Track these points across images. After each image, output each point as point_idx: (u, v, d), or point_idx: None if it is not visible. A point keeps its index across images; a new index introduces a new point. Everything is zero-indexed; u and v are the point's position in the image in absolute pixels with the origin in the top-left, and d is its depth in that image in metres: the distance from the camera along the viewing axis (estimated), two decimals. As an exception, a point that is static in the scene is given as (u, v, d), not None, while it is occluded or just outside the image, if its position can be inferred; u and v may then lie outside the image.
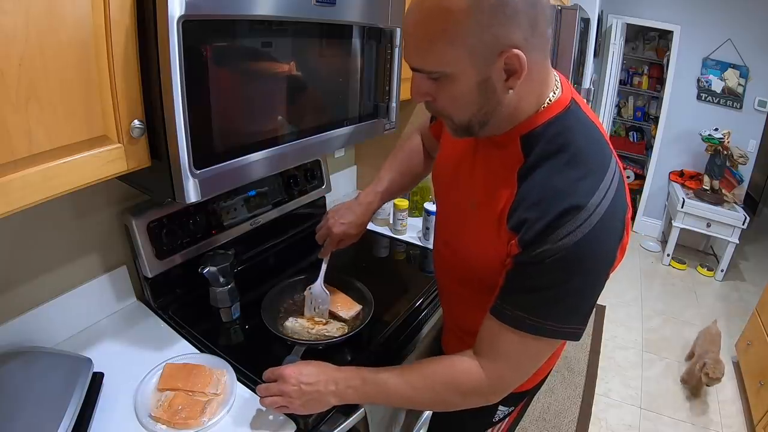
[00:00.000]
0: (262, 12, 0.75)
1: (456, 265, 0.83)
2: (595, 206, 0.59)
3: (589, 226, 0.58)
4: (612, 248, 0.62)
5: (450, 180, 0.83)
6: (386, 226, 1.58)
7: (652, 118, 4.04)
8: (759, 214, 4.41)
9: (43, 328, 0.94)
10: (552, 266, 0.60)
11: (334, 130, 1.01)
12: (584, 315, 0.65)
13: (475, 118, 0.64)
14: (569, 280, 0.61)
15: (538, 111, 0.65)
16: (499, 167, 0.69)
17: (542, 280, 0.62)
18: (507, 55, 0.56)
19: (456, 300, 0.91)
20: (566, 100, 0.66)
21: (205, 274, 1.05)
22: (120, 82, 0.64)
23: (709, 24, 3.24)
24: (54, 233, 0.94)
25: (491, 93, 0.60)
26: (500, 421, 0.98)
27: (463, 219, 0.77)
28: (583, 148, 0.64)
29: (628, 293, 3.10)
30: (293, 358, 0.91)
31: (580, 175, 0.61)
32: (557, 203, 0.60)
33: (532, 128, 0.65)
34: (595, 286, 0.64)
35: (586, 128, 0.66)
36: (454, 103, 0.63)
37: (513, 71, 0.58)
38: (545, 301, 0.63)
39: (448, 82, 0.60)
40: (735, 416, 2.13)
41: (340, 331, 1.04)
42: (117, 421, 0.81)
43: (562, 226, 0.59)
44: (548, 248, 0.59)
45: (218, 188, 0.80)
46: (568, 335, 0.65)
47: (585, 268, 0.61)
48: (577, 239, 0.58)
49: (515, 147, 0.66)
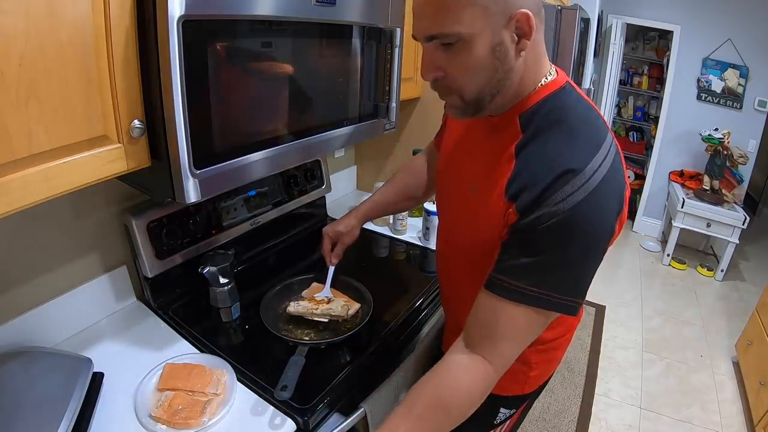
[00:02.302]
0: (262, 12, 0.75)
1: (456, 259, 0.83)
2: (592, 172, 0.60)
3: (586, 192, 0.59)
4: (609, 218, 0.61)
5: (450, 173, 0.83)
6: (386, 226, 1.58)
7: (652, 118, 4.04)
8: (759, 214, 4.41)
9: (43, 328, 0.94)
10: (549, 231, 0.60)
11: (334, 130, 1.01)
12: (581, 287, 0.64)
13: (488, 88, 0.64)
14: (566, 246, 0.61)
15: (535, 89, 0.67)
16: (498, 147, 0.70)
17: (539, 246, 0.61)
18: (518, 16, 0.58)
19: (457, 298, 0.91)
20: (561, 81, 0.69)
21: (205, 274, 1.05)
22: (120, 82, 0.64)
23: (709, 24, 3.24)
24: (54, 233, 0.94)
25: (504, 57, 0.61)
26: (501, 423, 0.97)
27: (463, 207, 0.77)
28: (577, 123, 0.65)
29: (628, 293, 3.10)
30: (298, 359, 0.91)
31: (575, 145, 0.63)
32: (552, 169, 0.60)
33: (529, 106, 0.67)
34: (592, 256, 0.63)
35: (580, 106, 0.68)
36: (467, 73, 0.63)
37: (523, 33, 0.60)
38: (541, 268, 0.62)
39: (463, 47, 0.60)
40: (735, 416, 2.13)
41: (345, 309, 1.04)
42: (117, 421, 0.81)
43: (559, 189, 0.59)
44: (545, 212, 0.60)
45: (218, 188, 0.80)
46: (564, 308, 0.63)
47: (581, 234, 0.60)
48: (574, 203, 0.58)
49: (514, 125, 0.68)
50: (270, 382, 0.87)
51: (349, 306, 1.06)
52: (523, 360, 0.70)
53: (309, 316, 1.03)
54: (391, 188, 1.12)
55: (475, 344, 0.67)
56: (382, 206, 1.13)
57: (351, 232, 1.09)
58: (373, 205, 1.11)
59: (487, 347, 0.66)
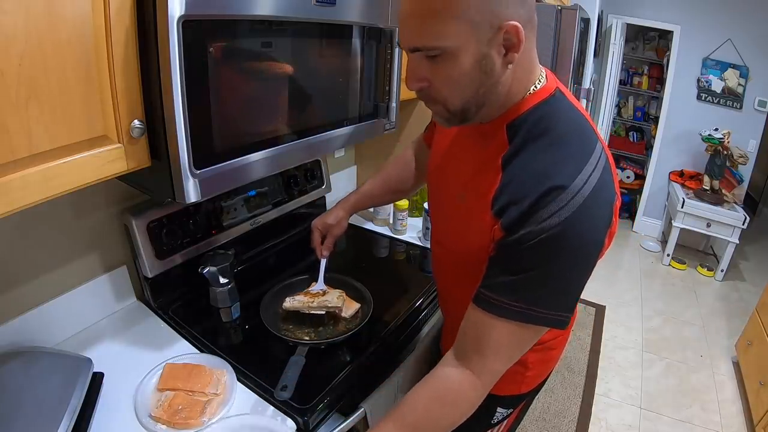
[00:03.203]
0: (262, 12, 0.75)
1: (448, 262, 0.83)
2: (579, 188, 0.58)
3: (573, 208, 0.58)
4: (597, 232, 0.61)
5: (439, 177, 0.83)
6: (386, 226, 1.58)
7: (652, 118, 4.04)
8: (759, 214, 4.41)
9: (43, 328, 0.94)
10: (535, 248, 0.59)
11: (334, 130, 1.01)
12: (570, 302, 0.64)
13: (473, 99, 0.63)
14: (553, 263, 0.60)
15: (524, 98, 0.65)
16: (486, 157, 0.69)
17: (525, 263, 0.61)
18: (506, 28, 0.56)
19: (453, 300, 0.91)
20: (551, 88, 0.67)
21: (205, 274, 1.05)
22: (120, 82, 0.64)
23: (709, 24, 3.24)
24: (54, 233, 0.94)
25: (490, 70, 0.60)
26: (498, 423, 0.98)
27: (453, 213, 0.77)
28: (565, 132, 0.64)
29: (628, 293, 3.10)
30: (298, 359, 0.91)
31: (562, 157, 0.61)
32: (539, 184, 0.59)
33: (516, 115, 0.66)
34: (579, 271, 0.62)
35: (569, 114, 0.66)
36: (451, 85, 0.62)
37: (511, 45, 0.58)
38: (528, 284, 0.61)
39: (448, 60, 0.59)
40: (735, 416, 2.13)
41: (340, 300, 1.05)
42: (117, 421, 0.81)
43: (544, 207, 0.58)
44: (531, 230, 0.59)
45: (218, 188, 0.80)
46: (553, 322, 0.63)
47: (568, 250, 0.60)
48: (560, 220, 0.57)
49: (501, 135, 0.67)
50: (270, 382, 0.87)
51: (344, 297, 1.06)
52: (519, 360, 0.70)
53: (306, 310, 1.03)
54: (378, 180, 1.13)
55: (464, 358, 0.68)
56: (368, 198, 1.14)
57: (340, 224, 1.10)
58: (360, 197, 1.13)
59: (476, 362, 0.67)
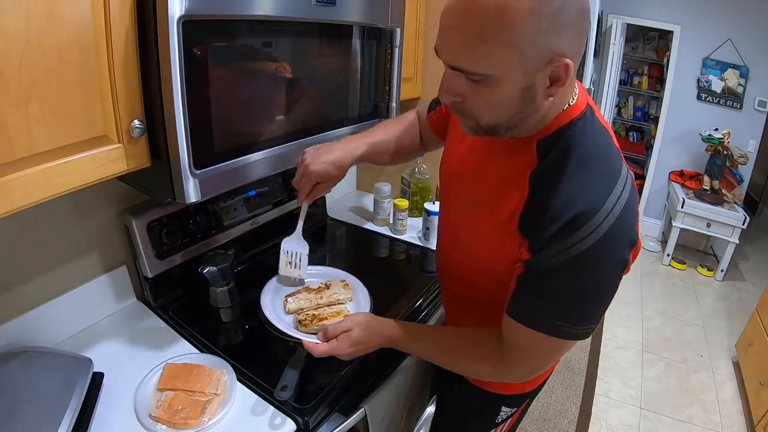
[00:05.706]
0: (262, 12, 0.75)
1: (462, 266, 0.83)
2: (607, 212, 0.58)
3: (601, 233, 0.58)
4: (624, 253, 0.61)
5: (456, 177, 0.82)
6: (386, 226, 1.58)
7: (652, 118, 4.04)
8: (759, 214, 4.41)
9: (43, 328, 0.94)
10: (563, 272, 0.60)
11: (334, 130, 1.01)
12: (597, 317, 0.66)
13: (506, 122, 0.61)
14: (581, 286, 0.62)
15: (557, 115, 0.64)
16: (512, 171, 0.68)
17: (554, 286, 0.62)
18: (557, 63, 0.54)
19: (457, 301, 0.92)
20: (582, 105, 0.65)
21: (205, 274, 1.05)
22: (120, 82, 0.64)
23: (709, 24, 3.23)
24: (54, 233, 0.94)
25: (531, 100, 0.58)
26: (503, 422, 0.98)
27: (468, 219, 0.77)
28: (595, 153, 0.63)
29: (628, 293, 3.10)
30: (298, 359, 0.90)
31: (592, 179, 0.61)
32: (569, 208, 0.59)
33: (549, 133, 0.64)
34: (607, 291, 0.64)
35: (599, 134, 0.65)
36: (488, 108, 0.60)
37: (557, 79, 0.56)
38: (559, 306, 0.64)
39: (490, 85, 0.56)
40: (735, 416, 2.13)
41: (347, 289, 1.04)
42: (117, 421, 0.81)
43: (573, 233, 0.58)
44: (559, 255, 0.59)
45: (218, 188, 0.80)
46: (581, 336, 0.66)
47: (595, 273, 0.61)
48: (588, 246, 0.58)
49: (531, 151, 0.65)
50: (270, 382, 0.87)
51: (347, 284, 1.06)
52: None
53: (314, 308, 1.01)
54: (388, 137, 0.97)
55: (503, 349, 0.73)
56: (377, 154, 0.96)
57: (340, 175, 0.91)
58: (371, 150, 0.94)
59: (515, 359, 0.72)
